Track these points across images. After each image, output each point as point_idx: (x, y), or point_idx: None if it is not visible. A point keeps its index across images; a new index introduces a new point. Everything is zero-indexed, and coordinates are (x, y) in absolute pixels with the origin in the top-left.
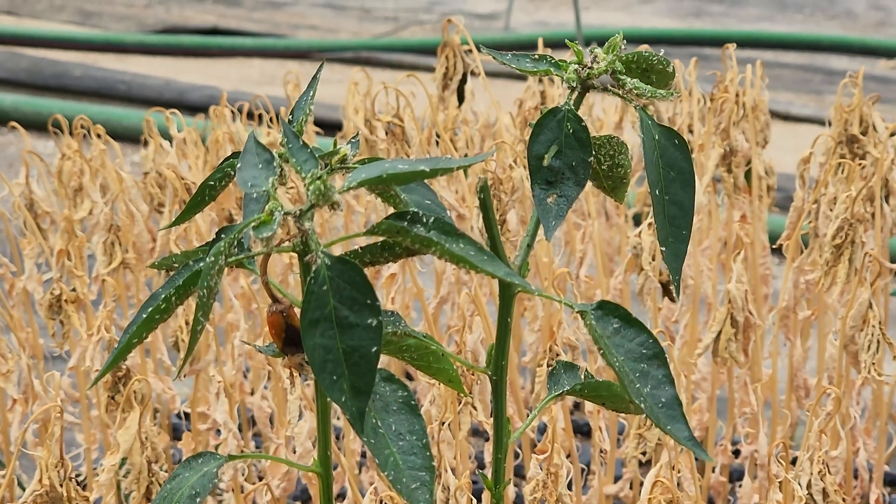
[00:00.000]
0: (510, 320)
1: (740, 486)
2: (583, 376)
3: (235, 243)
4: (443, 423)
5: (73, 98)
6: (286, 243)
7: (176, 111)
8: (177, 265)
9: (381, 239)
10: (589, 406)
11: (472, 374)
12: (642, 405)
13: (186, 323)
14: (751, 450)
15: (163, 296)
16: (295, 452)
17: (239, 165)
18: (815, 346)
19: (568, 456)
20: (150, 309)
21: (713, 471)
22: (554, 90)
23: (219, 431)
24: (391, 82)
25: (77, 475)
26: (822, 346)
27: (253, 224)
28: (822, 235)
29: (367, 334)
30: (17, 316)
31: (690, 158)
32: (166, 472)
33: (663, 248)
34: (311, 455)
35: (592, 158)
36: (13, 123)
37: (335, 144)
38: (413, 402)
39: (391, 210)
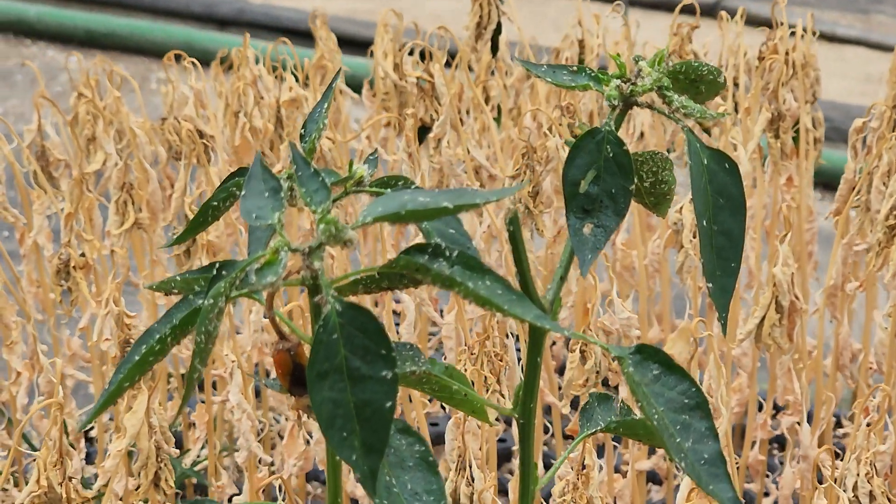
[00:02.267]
0: (540, 360)
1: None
2: (618, 407)
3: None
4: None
5: (98, 9)
6: (294, 276)
7: (195, 61)
8: (175, 290)
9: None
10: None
11: (500, 361)
12: (682, 463)
13: None
14: (791, 421)
15: (158, 335)
16: (312, 437)
17: (243, 193)
18: (860, 314)
19: None
20: (144, 349)
21: (752, 447)
22: (592, 39)
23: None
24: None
25: (88, 437)
26: (868, 317)
27: (256, 266)
28: (875, 212)
29: (380, 387)
30: (29, 269)
31: (741, 182)
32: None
33: (709, 284)
34: None
35: (634, 186)
36: (27, 62)
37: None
38: (431, 458)
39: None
